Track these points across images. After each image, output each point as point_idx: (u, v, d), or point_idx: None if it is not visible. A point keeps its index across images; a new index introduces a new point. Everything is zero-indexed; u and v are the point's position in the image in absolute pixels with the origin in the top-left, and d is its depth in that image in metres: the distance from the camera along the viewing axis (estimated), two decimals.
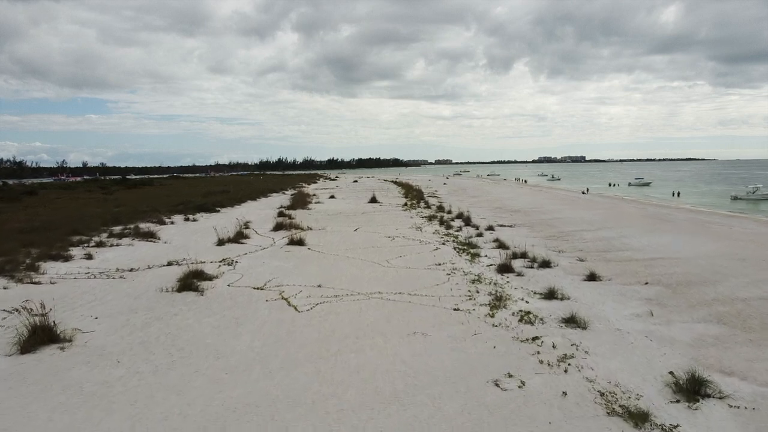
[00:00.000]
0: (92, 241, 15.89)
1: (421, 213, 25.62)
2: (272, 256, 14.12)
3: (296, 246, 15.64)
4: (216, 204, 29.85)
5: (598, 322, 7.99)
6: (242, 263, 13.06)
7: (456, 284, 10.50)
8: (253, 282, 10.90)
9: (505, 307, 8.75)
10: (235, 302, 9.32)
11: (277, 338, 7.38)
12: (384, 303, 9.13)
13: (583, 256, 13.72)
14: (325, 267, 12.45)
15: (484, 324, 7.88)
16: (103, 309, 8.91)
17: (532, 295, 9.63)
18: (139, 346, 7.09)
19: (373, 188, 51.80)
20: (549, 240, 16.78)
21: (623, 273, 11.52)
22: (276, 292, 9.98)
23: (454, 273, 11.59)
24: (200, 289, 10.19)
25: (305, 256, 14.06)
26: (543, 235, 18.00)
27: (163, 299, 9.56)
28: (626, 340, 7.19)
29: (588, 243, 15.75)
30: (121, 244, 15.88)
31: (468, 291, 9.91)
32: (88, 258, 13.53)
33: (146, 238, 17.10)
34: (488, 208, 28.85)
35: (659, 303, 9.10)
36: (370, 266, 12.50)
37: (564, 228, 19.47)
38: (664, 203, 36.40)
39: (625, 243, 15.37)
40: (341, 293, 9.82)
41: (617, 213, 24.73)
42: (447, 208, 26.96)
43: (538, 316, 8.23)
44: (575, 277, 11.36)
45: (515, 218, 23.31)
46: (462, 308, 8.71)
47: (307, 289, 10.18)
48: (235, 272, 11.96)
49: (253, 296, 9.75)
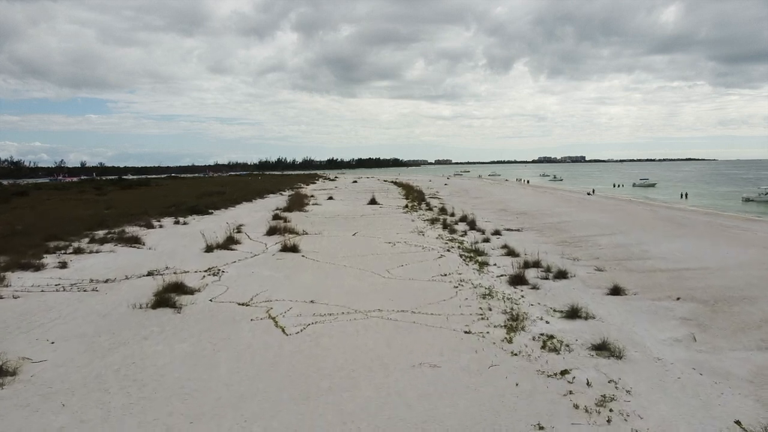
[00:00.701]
0: (71, 248, 14.76)
1: (423, 216, 24.51)
2: (263, 264, 13.00)
3: (289, 253, 14.52)
4: (209, 206, 28.72)
5: (633, 348, 6.87)
6: (229, 273, 11.94)
7: (465, 299, 9.38)
8: (238, 296, 9.78)
9: (523, 329, 7.63)
10: (216, 322, 8.20)
11: (259, 370, 6.25)
12: (384, 323, 8.01)
13: (600, 264, 12.60)
14: (319, 278, 11.34)
15: (502, 351, 6.76)
16: (63, 330, 7.79)
17: (551, 314, 8.52)
18: (95, 381, 5.96)
19: (373, 189, 50.69)
20: (561, 246, 15.66)
21: (649, 286, 10.40)
22: (263, 309, 8.86)
23: (462, 285, 10.48)
24: (178, 305, 9.07)
25: (298, 264, 12.94)
26: (554, 240, 16.88)
27: (134, 318, 8.44)
28: (672, 375, 6.06)
29: (604, 250, 14.63)
30: (102, 250, 14.76)
31: (479, 308, 8.80)
32: (62, 267, 12.41)
33: (130, 243, 15.97)
34: (492, 210, 27.74)
35: (699, 324, 7.97)
36: (369, 277, 11.38)
37: (575, 232, 18.35)
38: (674, 205, 35.28)
39: (645, 250, 14.25)
40: (336, 311, 8.70)
41: (629, 216, 23.60)
42: (450, 211, 25.86)
43: (563, 341, 7.11)
44: (596, 290, 10.25)
45: (522, 221, 22.19)
46: (474, 330, 7.59)
47: (298, 306, 9.06)
48: (221, 284, 10.84)
49: (236, 314, 8.63)
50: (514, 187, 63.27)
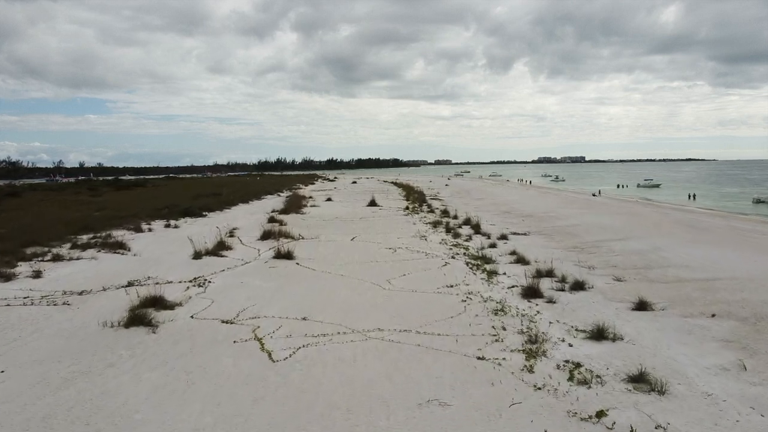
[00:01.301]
0: (49, 254, 13.79)
1: (425, 218, 23.54)
2: (254, 273, 12.04)
3: (283, 260, 13.55)
4: (203, 208, 27.75)
5: (675, 380, 5.91)
6: (216, 283, 10.98)
7: (475, 316, 8.42)
8: (223, 311, 8.81)
9: (544, 355, 6.66)
10: (194, 344, 7.23)
11: (238, 410, 5.28)
12: (386, 347, 7.04)
13: (619, 274, 11.63)
14: (314, 289, 10.37)
15: (522, 384, 5.80)
16: (20, 355, 6.83)
17: (574, 333, 7.55)
18: (40, 425, 5.00)
19: (373, 190, 49.72)
20: (573, 252, 14.69)
21: (677, 299, 9.43)
22: (249, 328, 7.89)
23: (471, 299, 9.51)
24: (154, 323, 8.10)
25: (292, 273, 11.97)
26: (564, 245, 15.91)
27: (103, 339, 7.47)
28: (728, 416, 5.10)
29: (619, 257, 13.66)
30: (83, 257, 13.79)
31: (492, 327, 7.83)
32: (36, 276, 11.44)
33: (114, 249, 14.99)
34: (496, 213, 26.77)
35: (744, 348, 7.01)
36: (369, 289, 10.42)
37: (586, 237, 17.38)
38: (683, 207, 34.29)
39: (664, 257, 13.28)
40: (331, 330, 7.73)
41: (640, 219, 22.63)
42: (452, 213, 24.89)
43: (592, 370, 6.15)
44: (619, 304, 9.28)
45: (528, 224, 21.22)
46: (488, 356, 6.62)
47: (289, 324, 8.09)
48: (205, 296, 9.87)
49: (219, 334, 7.67)
50: (517, 187, 62.29)
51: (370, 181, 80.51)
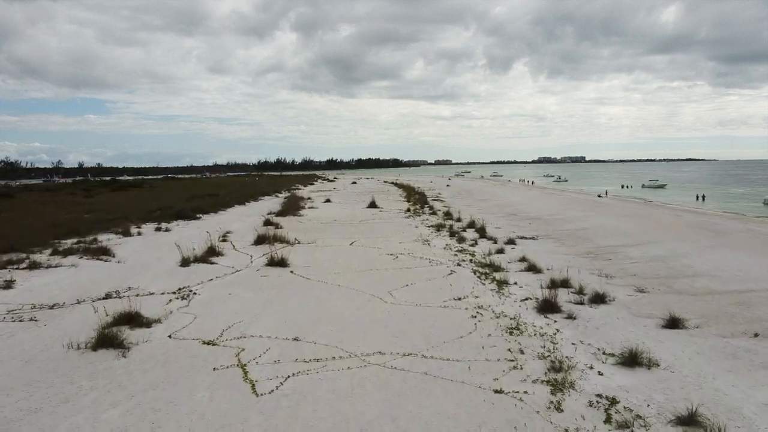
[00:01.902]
0: (27, 261, 12.86)
1: (427, 221, 22.60)
2: (244, 283, 11.11)
3: (277, 268, 12.62)
4: (198, 210, 26.81)
5: (731, 420, 4.98)
6: (202, 295, 10.05)
7: (488, 336, 7.49)
8: (206, 330, 7.89)
9: (573, 387, 5.73)
10: (167, 372, 6.30)
11: None
12: (388, 376, 6.11)
13: (641, 284, 10.69)
14: (308, 302, 9.44)
15: (551, 427, 4.87)
16: None
17: (602, 358, 6.63)
18: None
19: (373, 191, 48.80)
20: (586, 259, 13.75)
21: (711, 315, 8.49)
22: (232, 351, 6.96)
23: (481, 314, 8.58)
24: (126, 344, 7.17)
25: (285, 283, 11.04)
26: (576, 251, 14.97)
27: (65, 364, 6.55)
28: None
29: (638, 264, 12.72)
30: (62, 264, 12.86)
31: (508, 350, 6.90)
32: (6, 287, 10.52)
33: (97, 255, 14.07)
34: (501, 215, 25.82)
35: None
36: (368, 301, 9.48)
37: (599, 241, 16.44)
38: (694, 209, 33.31)
39: (687, 265, 12.35)
40: (325, 354, 6.80)
41: (653, 221, 21.67)
42: (455, 215, 23.95)
43: (631, 408, 5.22)
44: (646, 320, 8.34)
45: (535, 228, 20.28)
46: (507, 388, 5.69)
47: (279, 345, 7.17)
48: (188, 311, 8.94)
49: (198, 358, 6.74)
50: (520, 188, 61.32)
51: (370, 182, 79.57)
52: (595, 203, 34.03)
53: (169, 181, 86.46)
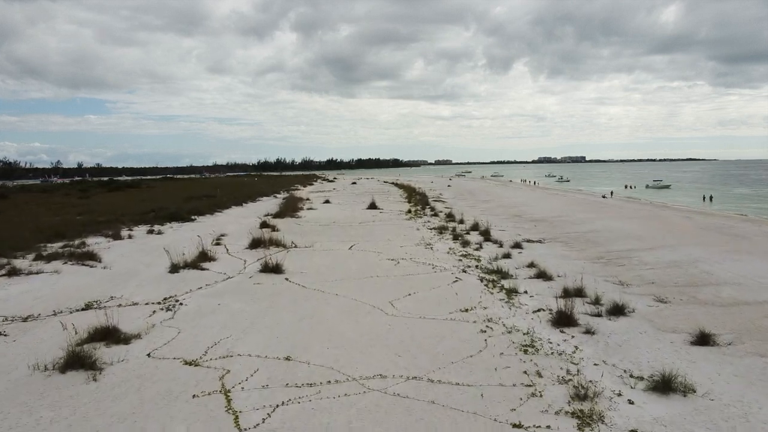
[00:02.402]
0: (6, 267, 12.15)
1: (429, 223, 21.88)
2: (235, 291, 10.40)
3: (271, 274, 11.91)
4: (193, 211, 26.08)
5: None
6: (189, 306, 9.33)
7: (500, 354, 6.77)
8: (189, 347, 7.17)
9: (602, 420, 5.01)
10: (142, 399, 5.58)
11: None
12: (390, 405, 5.39)
13: (660, 293, 9.97)
14: (303, 314, 8.72)
15: None
16: None
17: (630, 382, 5.91)
18: None
19: (373, 191, 48.11)
20: (598, 264, 13.03)
21: (744, 330, 7.76)
22: (216, 373, 6.25)
23: (491, 328, 7.86)
24: (99, 364, 6.45)
25: (279, 292, 10.32)
26: (586, 256, 14.25)
27: (28, 389, 5.83)
28: None
29: (655, 270, 12.00)
30: (44, 270, 12.14)
31: (523, 372, 6.18)
32: None
33: (82, 261, 13.34)
34: (505, 216, 25.10)
35: None
36: (368, 313, 8.77)
37: (610, 245, 15.72)
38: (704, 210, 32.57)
39: (707, 271, 11.62)
40: (320, 377, 6.08)
41: (663, 224, 20.92)
42: (458, 217, 23.23)
43: None
44: (672, 335, 7.62)
45: (542, 230, 19.56)
46: (527, 422, 4.98)
47: (268, 366, 6.45)
48: (172, 324, 8.23)
49: (176, 382, 6.02)
50: (522, 188, 60.57)
51: (370, 182, 78.87)
52: (601, 204, 33.30)
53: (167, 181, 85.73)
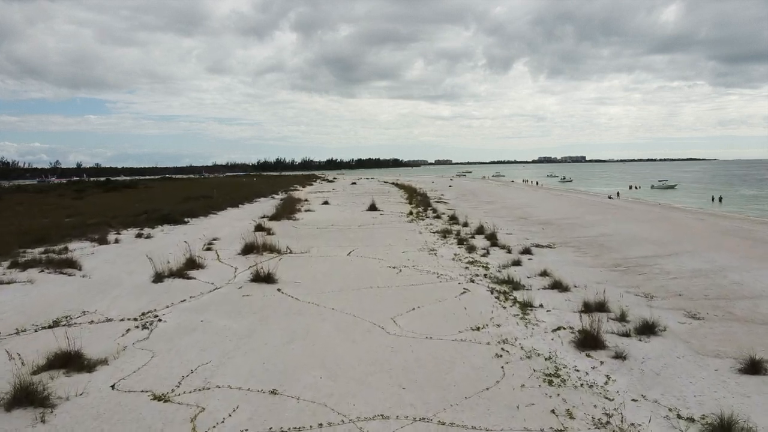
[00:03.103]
0: None
1: (431, 226, 20.93)
2: (221, 305, 9.45)
3: (262, 284, 10.97)
4: (187, 213, 25.15)
5: None
6: (168, 323, 8.39)
7: (521, 387, 5.82)
8: (161, 375, 6.23)
9: None
10: None
11: None
12: None
13: (690, 307, 9.02)
14: (294, 334, 7.78)
15: None
16: None
17: (680, 426, 4.96)
18: None
19: (373, 192, 47.18)
20: (616, 272, 12.09)
21: None
22: (188, 412, 5.30)
23: (507, 351, 6.92)
24: (52, 400, 5.51)
25: (270, 305, 9.37)
26: (601, 263, 13.30)
27: None
28: None
29: (679, 280, 11.05)
30: (17, 280, 11.20)
31: (551, 411, 5.24)
32: None
33: (61, 268, 12.41)
34: (511, 219, 24.15)
35: None
36: (367, 332, 7.82)
37: (625, 251, 14.77)
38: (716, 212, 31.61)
39: (737, 282, 10.67)
40: (310, 419, 5.13)
41: (676, 227, 19.98)
42: (462, 219, 22.28)
43: None
44: (715, 360, 6.67)
45: (551, 234, 18.61)
46: None
47: (250, 402, 5.50)
48: (146, 346, 7.29)
49: (140, 424, 5.07)
50: (525, 189, 59.60)
51: (370, 182, 77.96)
52: (608, 206, 32.34)
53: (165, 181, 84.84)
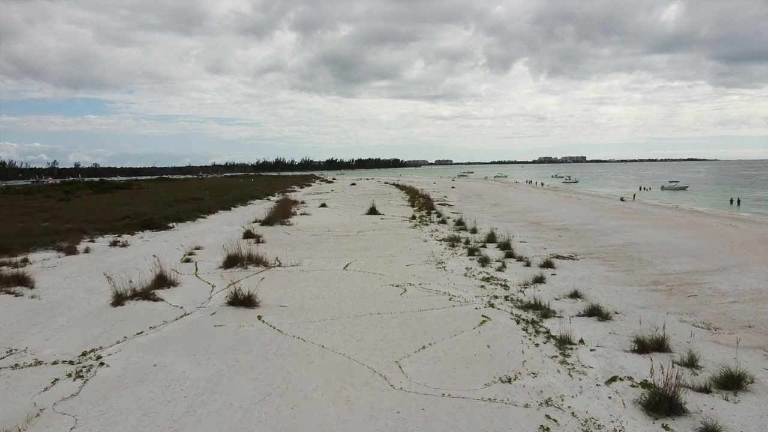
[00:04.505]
0: None
1: (437, 232, 19.10)
2: (185, 340, 7.63)
3: (241, 309, 9.16)
4: (173, 217, 23.33)
5: None
6: (112, 368, 6.58)
7: None
8: None
9: None
10: None
11: None
12: None
13: None
14: (270, 387, 5.95)
15: None
16: None
17: None
18: None
19: (373, 193, 45.34)
20: (659, 293, 10.26)
21: None
22: None
23: (555, 421, 5.10)
24: None
25: (244, 341, 7.55)
26: (638, 279, 11.48)
27: None
28: None
29: (741, 305, 9.23)
30: None
31: None
32: None
33: (9, 286, 10.64)
34: (522, 224, 22.31)
35: None
36: (365, 385, 5.99)
37: (661, 264, 12.94)
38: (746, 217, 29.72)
39: None
40: None
41: (711, 235, 18.11)
42: (470, 225, 20.46)
43: None
44: None
45: (569, 242, 16.78)
46: None
47: None
48: (69, 409, 5.48)
49: None
50: (531, 190, 57.70)
51: (370, 183, 76.14)
52: (623, 209, 30.47)
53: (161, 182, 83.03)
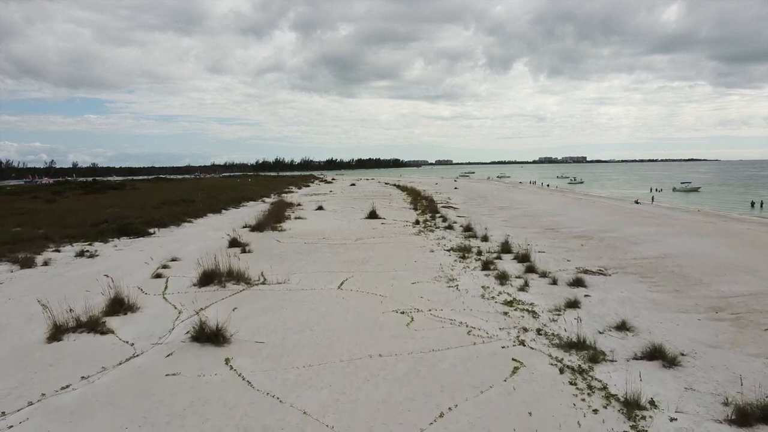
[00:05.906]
0: None
1: (444, 240, 17.16)
2: (120, 401, 5.72)
3: (206, 346, 7.24)
4: (156, 222, 21.40)
5: None
6: None
7: None
8: None
9: None
10: None
11: None
12: None
13: None
14: None
15: None
16: None
17: None
18: None
19: (373, 194, 43.40)
20: (726, 324, 8.35)
21: None
22: None
23: None
24: None
25: (199, 402, 5.63)
26: (692, 304, 9.56)
27: None
28: None
29: None
30: None
31: None
32: None
33: None
34: (535, 229, 20.37)
35: None
36: None
37: (714, 284, 11.02)
38: None
39: None
40: None
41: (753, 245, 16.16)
42: (480, 231, 18.55)
43: None
44: None
45: (594, 253, 14.85)
46: None
47: None
48: None
49: None
50: (537, 192, 55.69)
51: (370, 183, 74.20)
52: (644, 213, 28.50)
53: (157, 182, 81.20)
